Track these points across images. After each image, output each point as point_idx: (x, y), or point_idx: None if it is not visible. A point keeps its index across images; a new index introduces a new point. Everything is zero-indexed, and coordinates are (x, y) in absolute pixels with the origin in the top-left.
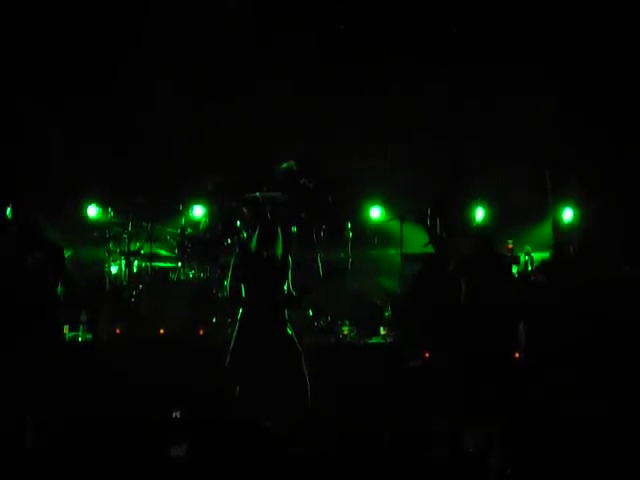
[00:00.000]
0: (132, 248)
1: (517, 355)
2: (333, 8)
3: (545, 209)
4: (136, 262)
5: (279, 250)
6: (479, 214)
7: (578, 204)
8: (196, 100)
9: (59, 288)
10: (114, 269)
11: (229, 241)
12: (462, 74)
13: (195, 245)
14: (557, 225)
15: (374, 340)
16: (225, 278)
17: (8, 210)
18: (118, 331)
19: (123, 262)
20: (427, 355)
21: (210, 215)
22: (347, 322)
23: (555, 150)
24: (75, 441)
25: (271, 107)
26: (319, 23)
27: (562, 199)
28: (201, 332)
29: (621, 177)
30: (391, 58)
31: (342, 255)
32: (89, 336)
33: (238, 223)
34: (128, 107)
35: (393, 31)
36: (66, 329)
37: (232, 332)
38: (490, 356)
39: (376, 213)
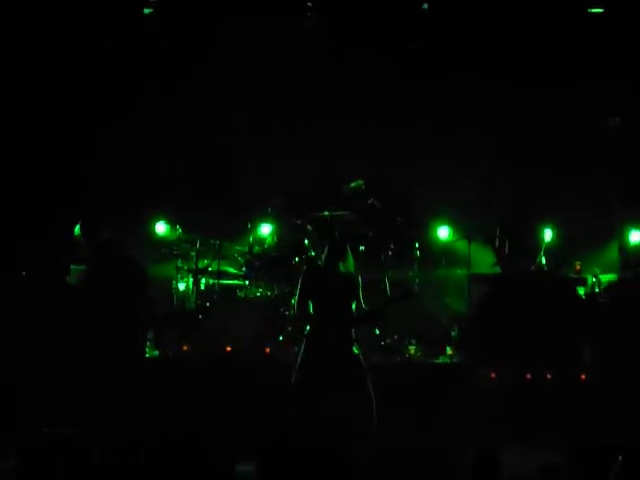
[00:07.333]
0: (200, 265)
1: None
2: (403, 28)
3: (613, 230)
4: (204, 280)
5: (349, 269)
6: (547, 235)
7: None
8: (266, 116)
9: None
10: (182, 286)
11: (297, 259)
12: (529, 93)
13: (263, 263)
14: (623, 247)
15: (441, 360)
16: (293, 296)
17: (77, 228)
18: (185, 348)
19: (191, 279)
20: (493, 376)
21: (276, 234)
22: (414, 342)
23: (622, 170)
24: (140, 458)
25: (340, 124)
26: (390, 41)
27: (630, 220)
28: (267, 350)
29: None
30: (459, 77)
31: (410, 274)
32: (156, 353)
33: (306, 241)
34: (197, 123)
35: (462, 50)
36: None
37: (299, 350)
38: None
39: (444, 233)
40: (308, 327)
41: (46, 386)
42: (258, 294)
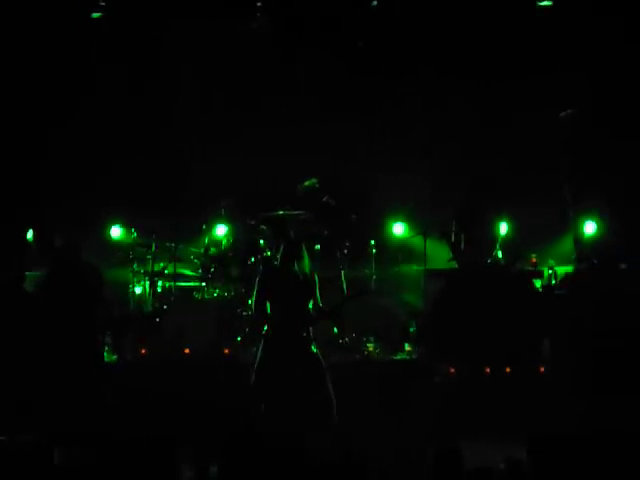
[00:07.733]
0: (156, 268)
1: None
2: (354, 26)
3: (568, 222)
4: (160, 282)
5: (305, 268)
6: (503, 229)
7: (601, 217)
8: (218, 117)
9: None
10: (138, 290)
11: (252, 260)
12: (481, 88)
13: (219, 264)
14: (578, 238)
15: (399, 356)
16: (250, 297)
17: (30, 232)
18: (143, 352)
19: (147, 283)
20: (452, 371)
21: (232, 234)
22: (372, 339)
23: (575, 162)
24: (102, 460)
25: (292, 123)
26: (340, 39)
27: (585, 212)
28: (226, 351)
29: None
30: (412, 73)
31: (366, 272)
32: (114, 357)
33: (261, 241)
34: (150, 126)
35: (413, 46)
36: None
37: (257, 350)
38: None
39: (399, 229)
40: (266, 327)
41: (5, 392)
42: (215, 295)
